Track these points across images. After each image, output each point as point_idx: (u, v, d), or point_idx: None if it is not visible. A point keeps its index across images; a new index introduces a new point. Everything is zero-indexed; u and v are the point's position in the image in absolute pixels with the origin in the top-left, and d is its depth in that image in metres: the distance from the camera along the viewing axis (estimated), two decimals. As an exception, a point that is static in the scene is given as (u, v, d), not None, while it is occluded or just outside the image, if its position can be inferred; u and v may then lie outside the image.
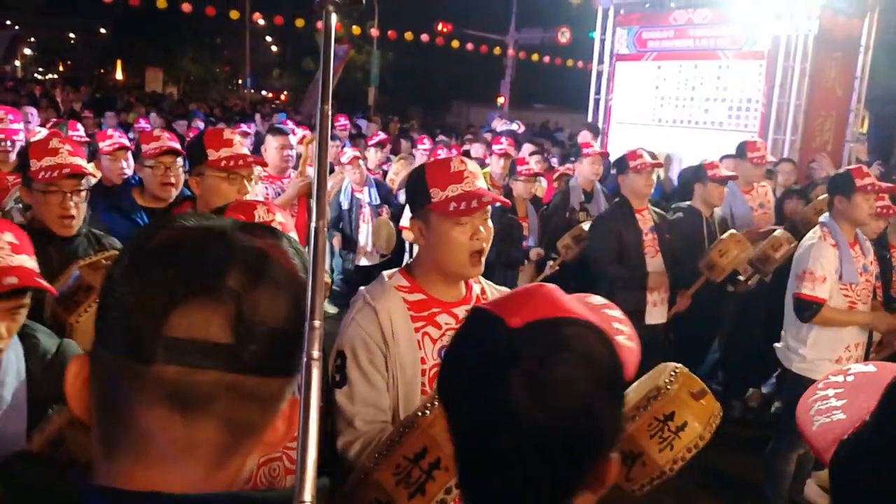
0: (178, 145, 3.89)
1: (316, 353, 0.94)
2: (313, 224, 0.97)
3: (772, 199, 6.40)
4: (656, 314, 5.30)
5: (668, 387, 1.94)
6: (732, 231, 5.26)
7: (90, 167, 5.82)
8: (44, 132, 6.75)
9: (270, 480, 2.08)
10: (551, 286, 1.14)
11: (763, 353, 5.61)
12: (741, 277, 5.61)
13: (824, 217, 4.51)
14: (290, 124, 10.87)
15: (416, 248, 6.91)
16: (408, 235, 6.89)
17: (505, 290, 2.50)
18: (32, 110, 9.02)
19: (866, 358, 4.48)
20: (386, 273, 2.39)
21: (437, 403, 1.82)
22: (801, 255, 4.44)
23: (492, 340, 1.05)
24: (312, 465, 0.84)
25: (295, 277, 0.88)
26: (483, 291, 2.44)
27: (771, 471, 4.66)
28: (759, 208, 6.23)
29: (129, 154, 5.18)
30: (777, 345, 4.68)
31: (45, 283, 1.96)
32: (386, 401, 2.20)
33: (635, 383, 2.14)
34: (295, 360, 0.84)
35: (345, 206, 7.39)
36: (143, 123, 10.27)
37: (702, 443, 1.91)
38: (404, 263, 2.45)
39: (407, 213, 6.89)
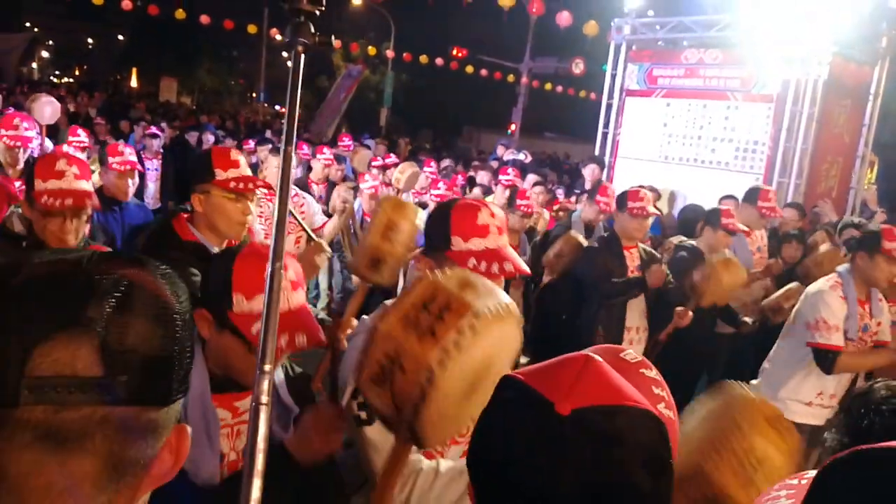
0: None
1: (264, 398, 0.93)
2: (268, 268, 0.97)
3: (766, 243, 6.40)
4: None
5: (740, 417, 1.76)
6: (727, 255, 5.13)
7: (95, 176, 5.87)
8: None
9: None
10: (598, 359, 1.07)
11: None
12: (747, 319, 5.55)
13: (842, 268, 4.48)
14: (305, 148, 10.93)
15: (409, 274, 6.86)
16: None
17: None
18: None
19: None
20: (388, 302, 2.32)
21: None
22: (810, 303, 4.40)
23: (538, 426, 0.99)
24: None
25: (165, 303, 0.84)
26: None
27: None
28: (756, 252, 6.23)
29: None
30: (753, 382, 4.66)
31: None
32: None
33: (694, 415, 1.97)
34: (174, 386, 0.83)
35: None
36: (155, 131, 10.29)
37: (784, 473, 1.71)
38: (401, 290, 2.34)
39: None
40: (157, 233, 3.16)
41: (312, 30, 1.28)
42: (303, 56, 1.18)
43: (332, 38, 1.28)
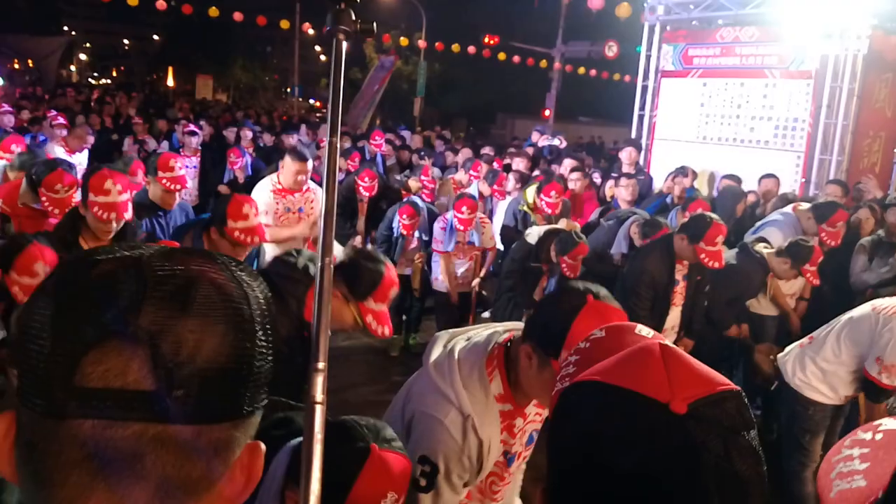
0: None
1: (319, 397, 0.89)
2: (319, 262, 0.96)
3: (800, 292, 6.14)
4: None
5: None
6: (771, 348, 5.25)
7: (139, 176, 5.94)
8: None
9: None
10: (668, 344, 1.01)
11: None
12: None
13: None
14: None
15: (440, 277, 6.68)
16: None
17: None
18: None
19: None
20: (479, 363, 2.20)
21: None
22: (880, 338, 4.06)
23: (662, 431, 0.91)
24: None
25: (232, 304, 0.75)
26: None
27: (793, 497, 4.51)
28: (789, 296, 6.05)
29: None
30: (781, 355, 4.61)
31: None
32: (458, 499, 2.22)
33: None
34: (243, 400, 0.75)
35: (396, 233, 7.05)
36: (194, 129, 10.40)
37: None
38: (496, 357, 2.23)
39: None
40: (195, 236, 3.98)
41: (353, 16, 1.24)
42: (344, 44, 1.17)
43: (374, 24, 1.27)
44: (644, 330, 1.17)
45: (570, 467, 0.97)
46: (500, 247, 7.16)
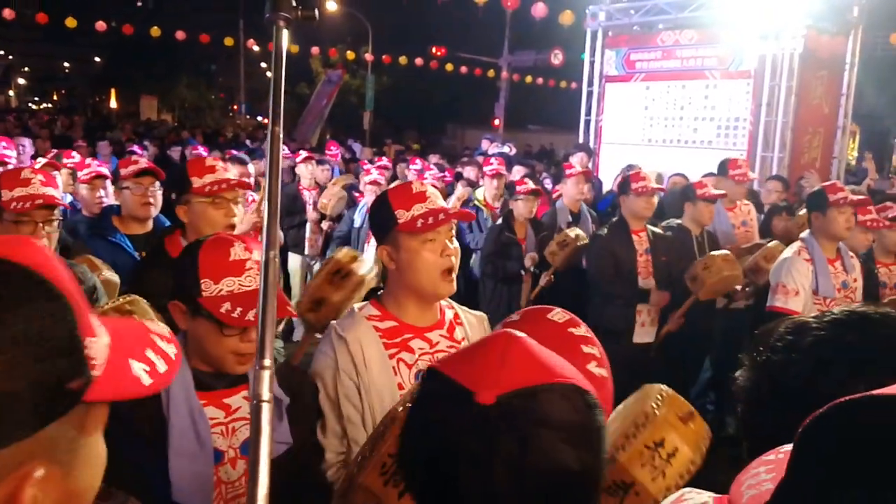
0: (153, 167, 4.04)
1: (266, 395, 0.87)
2: (263, 255, 0.93)
3: (755, 218, 6.43)
4: (644, 334, 5.31)
5: (656, 412, 1.87)
6: (725, 251, 5.26)
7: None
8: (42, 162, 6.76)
9: None
10: (520, 336, 1.05)
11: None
12: (737, 287, 5.59)
13: (805, 233, 4.58)
14: (286, 150, 10.93)
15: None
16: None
17: (479, 314, 2.52)
18: (25, 141, 9.03)
19: None
20: (356, 305, 2.39)
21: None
22: (775, 269, 4.52)
23: (463, 420, 0.96)
24: None
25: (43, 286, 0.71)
26: (456, 317, 2.43)
27: None
28: (741, 226, 6.27)
29: (108, 183, 5.13)
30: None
31: None
32: (360, 434, 2.18)
33: (620, 406, 2.11)
34: (7, 426, 0.68)
35: (357, 223, 7.16)
36: (137, 150, 10.30)
37: (693, 468, 1.83)
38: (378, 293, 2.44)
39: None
40: (150, 253, 3.27)
41: (293, 2, 1.21)
42: (284, 32, 1.15)
43: (316, 11, 1.25)
44: (558, 315, 1.20)
45: (401, 446, 1.06)
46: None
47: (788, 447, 0.88)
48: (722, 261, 5.05)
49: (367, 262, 2.96)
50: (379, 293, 2.40)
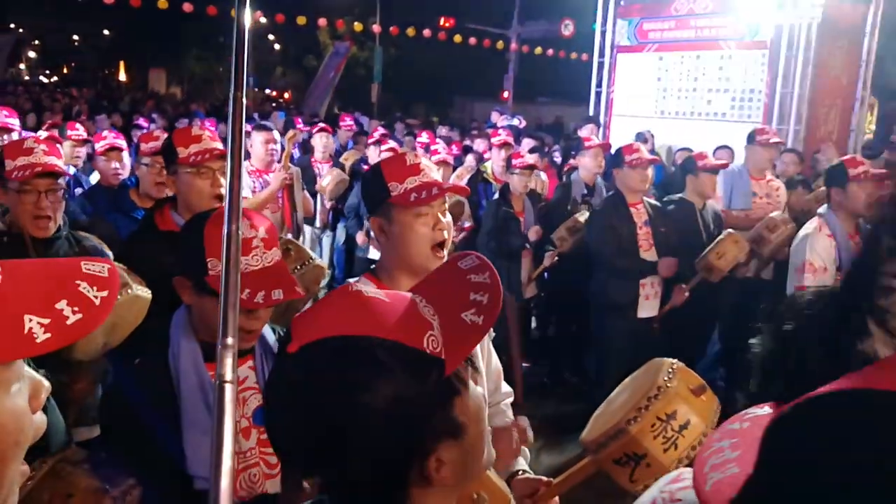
0: None
1: (229, 375, 0.86)
2: (225, 229, 0.88)
3: (783, 196, 6.26)
4: (648, 307, 5.29)
5: (668, 384, 1.90)
6: (730, 231, 5.20)
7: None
8: (43, 134, 6.73)
9: (250, 486, 2.07)
10: (358, 289, 1.08)
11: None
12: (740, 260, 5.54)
13: (822, 209, 4.51)
14: (300, 123, 10.86)
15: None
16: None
17: None
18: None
19: None
20: (351, 280, 2.34)
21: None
22: (797, 247, 4.44)
23: (279, 366, 1.05)
24: (226, 495, 0.76)
25: None
26: None
27: None
28: (764, 197, 6.14)
29: (125, 154, 5.22)
30: None
31: None
32: None
33: (627, 379, 2.11)
34: None
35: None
36: (142, 123, 10.23)
37: (705, 440, 1.85)
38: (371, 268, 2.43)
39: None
40: (141, 225, 3.25)
41: None
42: None
43: None
44: (468, 260, 1.20)
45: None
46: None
47: (753, 412, 0.91)
48: (733, 244, 5.03)
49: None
50: (372, 266, 2.41)
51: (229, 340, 0.74)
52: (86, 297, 0.82)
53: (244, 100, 0.96)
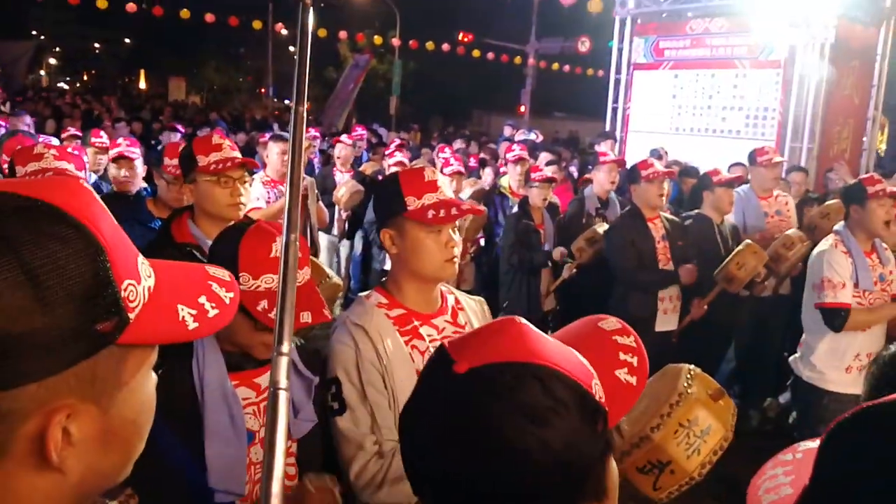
0: None
1: (283, 383, 0.86)
2: (283, 238, 0.92)
3: (792, 209, 6.29)
4: (666, 321, 5.29)
5: (688, 390, 1.90)
6: (748, 241, 5.19)
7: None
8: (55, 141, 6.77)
9: None
10: (521, 321, 1.02)
11: (780, 363, 5.54)
12: (756, 279, 5.56)
13: (839, 226, 4.47)
14: (313, 132, 10.99)
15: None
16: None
17: (478, 299, 2.51)
18: (28, 119, 8.90)
19: None
20: (362, 294, 2.36)
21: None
22: (814, 264, 4.39)
23: (435, 385, 0.97)
24: (278, 499, 0.80)
25: None
26: (457, 302, 2.42)
27: None
28: (775, 215, 6.18)
29: (137, 163, 5.10)
30: (794, 355, 4.65)
31: None
32: (389, 418, 2.15)
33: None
34: (33, 362, 0.71)
35: None
36: (180, 128, 10.41)
37: (726, 444, 1.90)
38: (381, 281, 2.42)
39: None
40: (158, 236, 3.18)
41: None
42: (311, 10, 1.16)
43: None
44: (609, 323, 1.18)
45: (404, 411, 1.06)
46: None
47: (804, 446, 0.92)
48: (751, 255, 5.03)
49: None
50: (383, 280, 2.38)
51: (284, 348, 0.79)
52: (218, 295, 0.88)
53: (305, 114, 1.01)
